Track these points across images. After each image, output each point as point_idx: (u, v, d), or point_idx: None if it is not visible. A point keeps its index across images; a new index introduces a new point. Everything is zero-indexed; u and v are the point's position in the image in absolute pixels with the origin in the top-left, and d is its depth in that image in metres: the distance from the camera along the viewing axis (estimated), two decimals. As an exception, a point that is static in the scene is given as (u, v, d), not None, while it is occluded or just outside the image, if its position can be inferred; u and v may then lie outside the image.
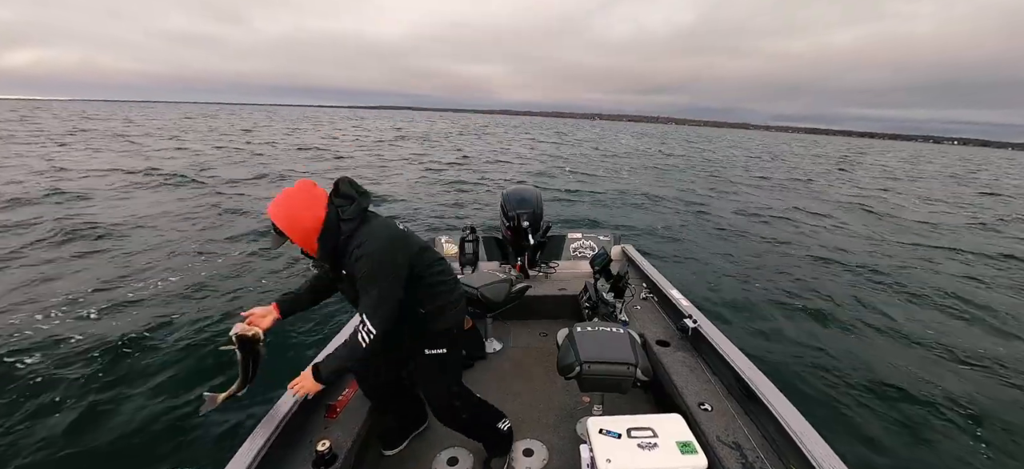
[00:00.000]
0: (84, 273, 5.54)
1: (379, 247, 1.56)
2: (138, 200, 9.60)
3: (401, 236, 1.67)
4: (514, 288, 2.93)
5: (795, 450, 1.65)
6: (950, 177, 28.25)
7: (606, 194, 13.36)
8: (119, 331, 4.20)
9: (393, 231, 1.65)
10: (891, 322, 5.17)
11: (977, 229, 11.51)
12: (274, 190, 11.46)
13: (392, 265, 1.58)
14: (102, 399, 3.34)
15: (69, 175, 12.29)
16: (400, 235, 1.67)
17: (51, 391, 3.39)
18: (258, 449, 1.69)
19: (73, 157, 16.17)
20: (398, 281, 1.60)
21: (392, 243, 1.60)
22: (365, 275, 1.56)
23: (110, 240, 6.82)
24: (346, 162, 18.69)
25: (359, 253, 1.56)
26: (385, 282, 1.56)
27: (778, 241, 8.73)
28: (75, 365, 3.72)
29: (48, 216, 7.89)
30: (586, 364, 1.81)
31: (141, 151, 19.14)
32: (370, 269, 1.55)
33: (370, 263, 1.55)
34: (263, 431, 1.78)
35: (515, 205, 3.70)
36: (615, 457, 1.47)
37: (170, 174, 12.84)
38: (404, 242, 1.66)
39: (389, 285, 1.57)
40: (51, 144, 20.53)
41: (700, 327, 2.51)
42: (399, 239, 1.65)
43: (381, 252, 1.56)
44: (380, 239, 1.58)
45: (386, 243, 1.58)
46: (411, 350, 1.88)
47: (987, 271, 7.63)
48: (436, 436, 2.23)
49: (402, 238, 1.67)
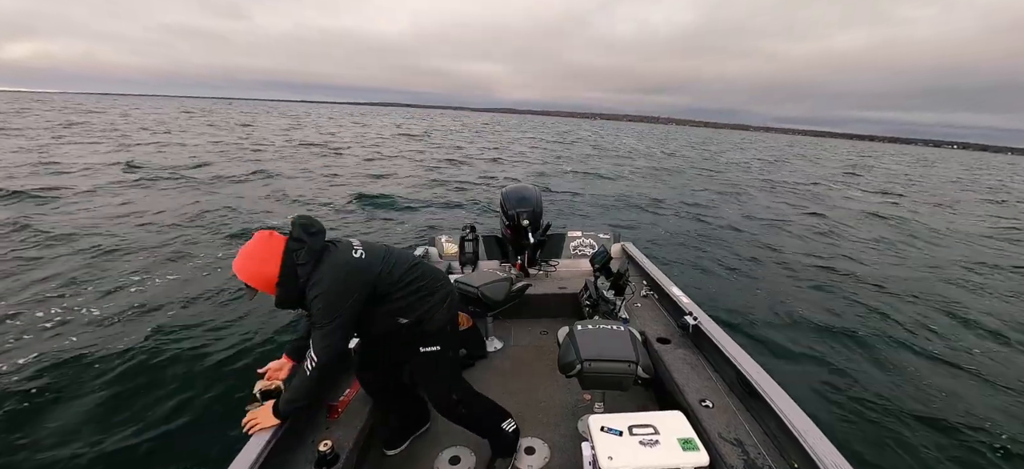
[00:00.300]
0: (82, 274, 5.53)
1: (329, 287, 1.60)
2: (107, 200, 9.21)
3: (354, 269, 1.66)
4: (514, 287, 2.93)
5: (797, 447, 1.64)
6: (954, 182, 27.49)
7: (609, 197, 12.95)
8: (123, 332, 4.21)
9: (344, 266, 1.65)
10: (955, 351, 4.60)
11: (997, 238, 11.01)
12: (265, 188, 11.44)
13: (344, 301, 1.62)
14: (104, 402, 3.34)
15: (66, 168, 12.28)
16: (353, 268, 1.66)
17: (49, 393, 3.39)
18: (260, 449, 1.69)
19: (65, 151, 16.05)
20: (349, 314, 1.64)
21: (345, 279, 1.62)
22: (317, 313, 1.61)
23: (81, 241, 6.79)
24: (344, 160, 18.57)
25: (312, 294, 1.61)
26: (336, 318, 1.61)
27: (804, 254, 7.99)
28: (71, 369, 3.72)
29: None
30: (587, 362, 1.81)
31: (133, 143, 18.96)
32: (322, 307, 1.60)
33: (322, 301, 1.60)
34: (265, 432, 1.78)
35: (515, 203, 3.70)
36: (617, 454, 1.47)
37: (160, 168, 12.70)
38: (357, 274, 1.66)
39: (339, 321, 1.61)
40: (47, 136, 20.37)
41: (701, 324, 2.51)
42: (352, 272, 1.65)
43: (331, 291, 1.60)
44: (331, 278, 1.61)
45: (338, 282, 1.61)
46: (407, 352, 1.89)
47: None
48: (438, 436, 2.22)
49: (355, 271, 1.66)
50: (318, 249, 1.64)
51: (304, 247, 1.62)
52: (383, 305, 1.73)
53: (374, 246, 1.80)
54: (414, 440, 2.23)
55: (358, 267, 1.67)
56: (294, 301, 1.66)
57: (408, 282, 1.77)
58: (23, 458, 2.79)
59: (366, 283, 1.67)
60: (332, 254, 1.67)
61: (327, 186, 12.45)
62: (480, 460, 2.08)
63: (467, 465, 2.06)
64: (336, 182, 13.13)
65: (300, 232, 1.64)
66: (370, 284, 1.68)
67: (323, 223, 1.74)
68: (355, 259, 1.69)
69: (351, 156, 19.81)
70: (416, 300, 1.78)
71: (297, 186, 12.09)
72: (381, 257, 1.75)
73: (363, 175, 14.60)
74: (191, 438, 3.02)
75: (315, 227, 1.68)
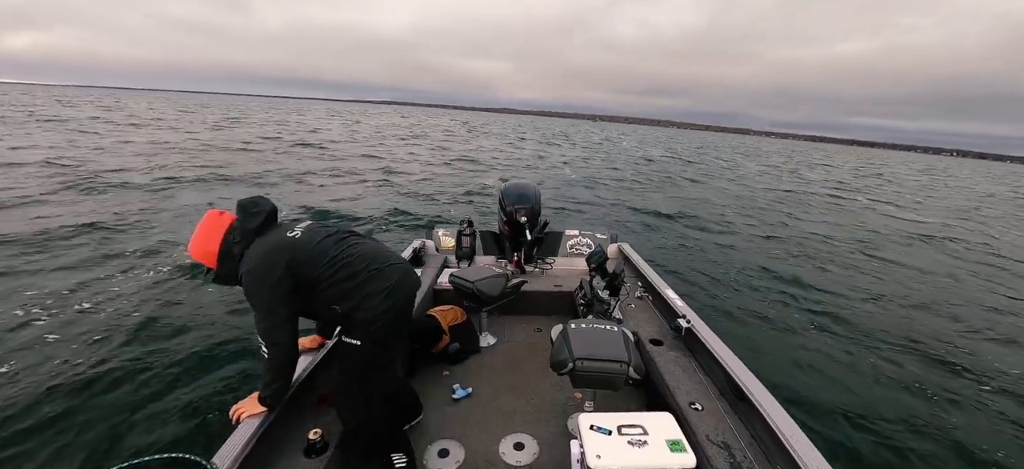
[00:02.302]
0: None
1: (254, 266, 1.58)
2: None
3: (276, 249, 1.61)
4: (510, 283, 2.93)
5: (783, 451, 1.66)
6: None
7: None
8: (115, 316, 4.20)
9: (273, 246, 1.62)
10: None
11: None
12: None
13: (268, 282, 1.57)
14: (94, 383, 3.34)
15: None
16: (275, 248, 1.62)
17: (41, 376, 3.38)
18: (250, 436, 1.70)
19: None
20: (276, 295, 1.58)
21: (268, 258, 1.59)
22: (247, 295, 1.60)
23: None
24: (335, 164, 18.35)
25: (241, 273, 1.60)
26: (263, 298, 1.58)
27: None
28: (62, 352, 3.71)
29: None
30: (579, 361, 1.81)
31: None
32: (248, 288, 1.59)
33: (247, 282, 1.59)
34: (254, 419, 1.79)
35: (513, 200, 3.70)
36: (605, 453, 1.49)
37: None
38: (279, 253, 1.61)
39: (268, 301, 1.58)
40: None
41: (693, 327, 2.52)
42: (273, 251, 1.61)
43: (255, 271, 1.58)
44: (256, 258, 1.59)
45: (261, 261, 1.59)
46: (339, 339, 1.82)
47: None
48: (427, 429, 2.23)
49: (277, 250, 1.61)
50: (252, 229, 1.63)
51: (240, 227, 1.63)
52: (317, 290, 1.66)
53: (316, 228, 1.73)
54: (406, 431, 2.24)
55: (281, 247, 1.62)
56: (231, 280, 1.66)
57: (341, 268, 1.66)
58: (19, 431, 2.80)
59: (290, 264, 1.60)
60: (265, 235, 1.64)
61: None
62: (469, 453, 2.09)
63: (456, 457, 2.07)
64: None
65: (238, 211, 1.65)
66: (295, 265, 1.61)
67: (267, 206, 1.72)
68: (285, 239, 1.64)
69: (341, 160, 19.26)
70: (351, 287, 1.66)
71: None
72: (317, 239, 1.68)
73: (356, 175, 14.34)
74: (182, 421, 3.02)
75: (255, 207, 1.66)
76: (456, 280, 2.89)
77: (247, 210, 1.66)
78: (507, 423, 2.29)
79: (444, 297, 3.34)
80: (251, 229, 1.64)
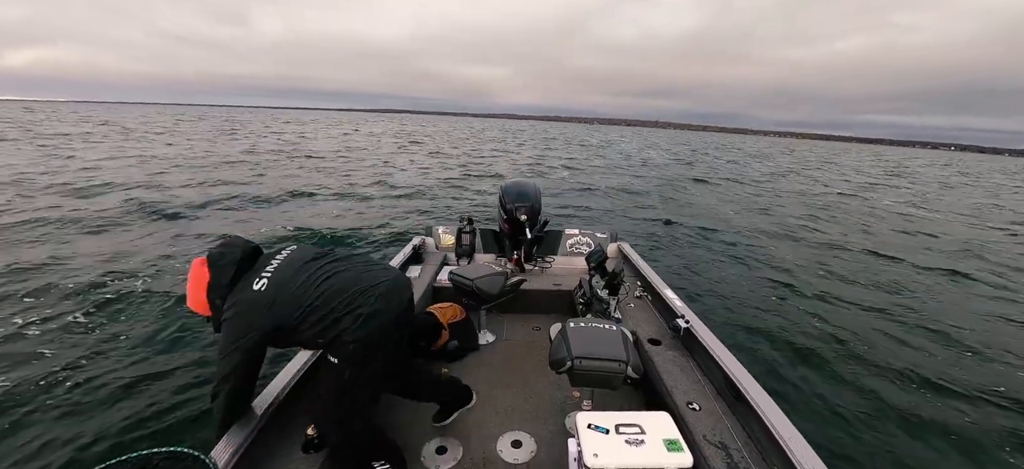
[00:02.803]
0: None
1: (226, 321, 1.60)
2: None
3: (250, 309, 1.60)
4: (509, 281, 2.93)
5: (780, 452, 1.66)
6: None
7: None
8: (109, 308, 4.20)
9: (241, 308, 1.60)
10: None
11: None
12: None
13: (234, 338, 1.58)
14: (92, 378, 3.35)
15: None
16: (249, 308, 1.60)
17: (37, 367, 3.39)
18: (249, 431, 1.71)
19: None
20: (244, 349, 1.59)
21: (238, 320, 1.59)
22: (220, 338, 1.62)
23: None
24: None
25: (223, 320, 1.62)
26: (227, 354, 1.59)
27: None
28: (59, 341, 3.72)
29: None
30: (578, 359, 1.81)
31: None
32: (221, 341, 1.61)
33: (223, 330, 1.61)
34: (254, 414, 1.79)
35: (513, 198, 3.70)
36: (602, 452, 1.49)
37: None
38: (253, 315, 1.59)
39: (230, 359, 1.59)
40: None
41: (692, 327, 2.53)
42: (246, 314, 1.59)
43: (226, 326, 1.60)
44: (228, 312, 1.61)
45: (232, 320, 1.60)
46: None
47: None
48: (425, 427, 2.24)
49: (251, 311, 1.60)
50: (226, 283, 1.62)
51: (214, 282, 1.63)
52: (295, 333, 1.64)
53: (288, 269, 1.67)
54: (460, 414, 2.28)
55: (249, 303, 1.60)
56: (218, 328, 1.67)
57: (313, 308, 1.62)
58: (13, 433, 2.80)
59: (261, 324, 1.59)
60: (237, 288, 1.63)
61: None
62: (467, 451, 2.10)
63: (454, 455, 2.08)
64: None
65: (209, 267, 1.64)
66: (266, 322, 1.59)
67: (250, 242, 1.73)
68: (252, 294, 1.60)
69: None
70: (328, 324, 1.62)
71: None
72: (289, 285, 1.63)
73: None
74: (181, 416, 3.03)
75: (222, 260, 1.64)
76: (455, 278, 2.89)
77: (216, 264, 1.64)
78: (505, 421, 2.30)
79: (443, 295, 3.34)
80: (224, 283, 1.62)
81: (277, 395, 1.93)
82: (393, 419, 2.25)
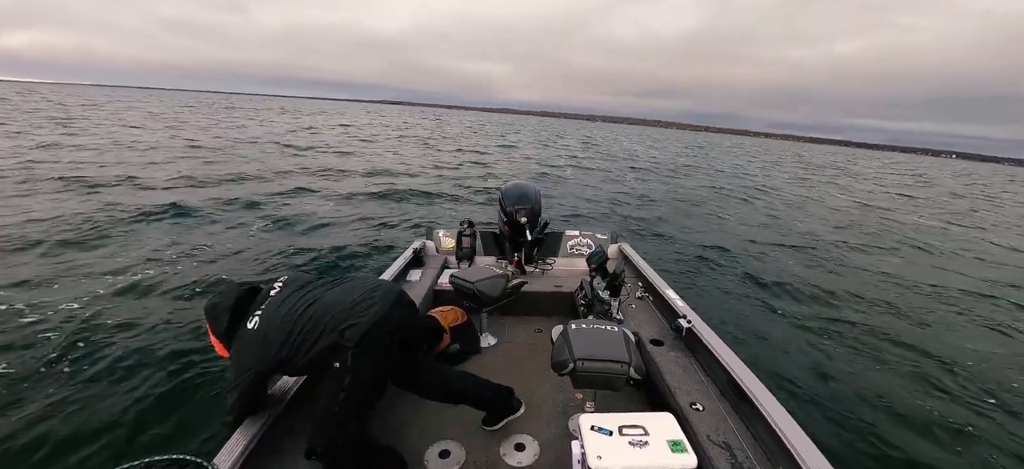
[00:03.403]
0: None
1: (230, 362, 1.71)
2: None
3: (247, 353, 1.69)
4: (510, 283, 2.93)
5: (785, 452, 1.66)
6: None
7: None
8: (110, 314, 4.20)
9: (240, 352, 1.70)
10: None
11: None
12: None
13: (237, 373, 1.68)
14: (95, 382, 3.34)
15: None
16: (246, 352, 1.69)
17: (39, 372, 3.38)
18: (251, 436, 1.70)
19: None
20: (238, 389, 1.69)
21: (239, 364, 1.69)
22: (226, 382, 1.73)
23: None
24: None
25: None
26: (230, 393, 1.71)
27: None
28: (60, 348, 3.71)
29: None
30: (580, 361, 1.81)
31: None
32: (227, 378, 1.72)
33: (230, 364, 1.72)
34: (257, 419, 1.79)
35: (513, 200, 3.70)
36: (606, 454, 1.48)
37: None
38: (250, 358, 1.68)
39: (231, 396, 1.71)
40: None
41: (694, 327, 2.52)
42: (245, 359, 1.69)
43: (230, 367, 1.70)
44: (232, 356, 1.72)
45: (234, 358, 1.71)
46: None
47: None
48: (428, 429, 2.23)
49: (248, 355, 1.69)
50: (224, 331, 1.72)
51: (215, 333, 1.76)
52: (291, 364, 1.70)
53: (271, 307, 1.72)
54: (506, 424, 2.24)
55: (244, 346, 1.70)
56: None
57: (304, 338, 1.66)
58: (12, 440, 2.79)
59: (250, 362, 1.68)
60: (239, 331, 1.72)
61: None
62: (470, 454, 2.09)
63: (458, 458, 2.07)
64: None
65: (206, 319, 1.77)
66: (263, 361, 1.67)
67: (237, 287, 1.81)
68: (247, 334, 1.69)
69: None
70: (321, 348, 1.66)
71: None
72: (278, 320, 1.68)
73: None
74: (184, 421, 3.03)
75: (218, 309, 1.74)
76: (456, 281, 2.89)
77: (210, 315, 1.76)
78: (508, 424, 2.29)
79: (444, 298, 3.34)
80: (223, 331, 1.73)
81: (280, 401, 1.93)
82: (395, 423, 2.25)
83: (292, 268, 5.91)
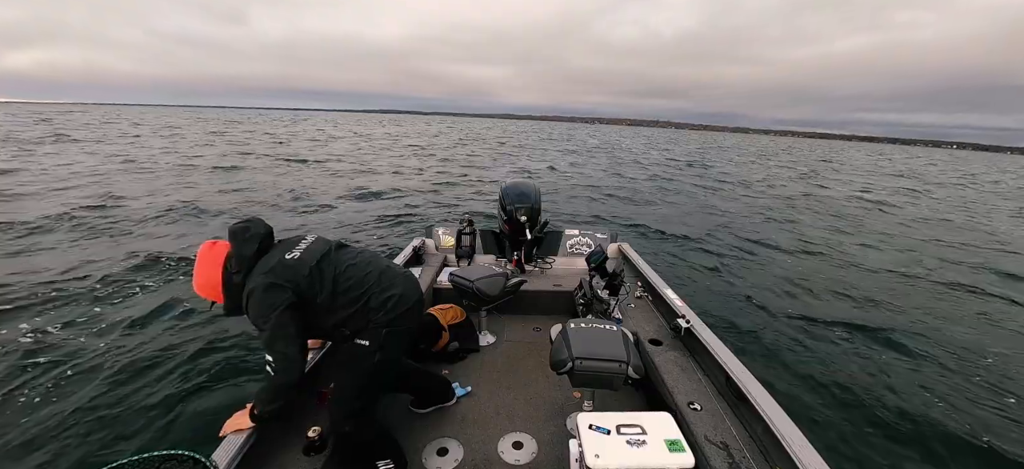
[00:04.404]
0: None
1: (257, 290, 1.56)
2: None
3: (282, 269, 1.61)
4: (509, 282, 2.93)
5: (782, 452, 1.66)
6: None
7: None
8: (109, 310, 4.20)
9: (274, 268, 1.60)
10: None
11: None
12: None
13: (273, 303, 1.55)
14: (95, 379, 3.34)
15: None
16: (281, 269, 1.61)
17: (40, 371, 3.39)
18: (249, 433, 1.70)
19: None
20: (284, 315, 1.56)
21: (270, 281, 1.57)
22: (253, 319, 1.58)
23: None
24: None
25: (245, 299, 1.59)
26: (270, 319, 1.55)
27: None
28: (63, 344, 3.72)
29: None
30: (578, 360, 1.81)
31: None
32: (253, 312, 1.57)
33: (252, 306, 1.57)
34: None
35: (513, 199, 3.70)
36: (603, 453, 1.48)
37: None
38: (286, 274, 1.60)
39: (275, 321, 1.55)
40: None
41: (693, 327, 2.52)
42: (279, 273, 1.59)
43: (258, 294, 1.56)
44: (258, 282, 1.57)
45: (263, 284, 1.57)
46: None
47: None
48: (426, 427, 2.23)
49: (284, 271, 1.61)
50: (249, 255, 1.61)
51: (236, 256, 1.61)
52: (321, 311, 1.66)
53: (316, 247, 1.72)
54: (433, 412, 2.32)
55: (283, 268, 1.61)
56: (239, 310, 1.65)
57: (342, 288, 1.67)
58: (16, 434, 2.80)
59: (294, 285, 1.60)
60: (264, 257, 1.63)
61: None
62: (468, 452, 2.09)
63: (454, 457, 2.07)
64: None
65: (231, 239, 1.64)
66: (298, 287, 1.60)
67: (269, 224, 1.71)
68: (285, 261, 1.62)
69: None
70: (357, 307, 1.68)
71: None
72: (317, 259, 1.67)
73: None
74: (182, 418, 3.03)
75: (247, 233, 1.64)
76: (456, 279, 2.89)
77: (240, 236, 1.63)
78: (506, 422, 2.29)
79: (444, 296, 3.34)
80: (248, 255, 1.61)
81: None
82: (394, 419, 2.25)
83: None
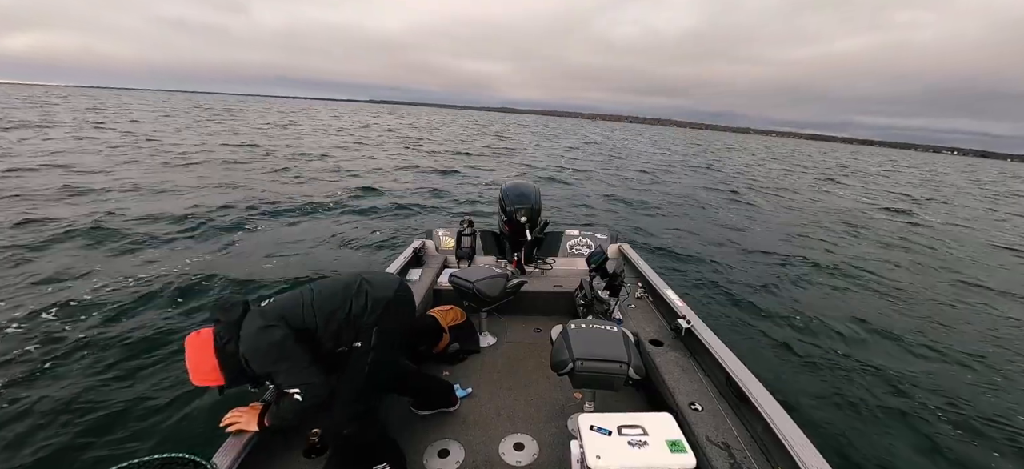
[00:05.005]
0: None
1: (250, 336, 1.61)
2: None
3: (269, 311, 1.69)
4: (510, 283, 2.93)
5: (783, 452, 1.66)
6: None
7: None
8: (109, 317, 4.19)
9: (262, 312, 1.68)
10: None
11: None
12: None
13: (271, 338, 1.60)
14: (95, 381, 3.34)
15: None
16: (268, 312, 1.69)
17: (41, 372, 3.38)
18: (250, 435, 1.70)
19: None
20: (287, 346, 1.62)
21: (259, 321, 1.63)
22: (260, 368, 1.61)
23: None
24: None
25: (246, 356, 1.62)
26: (279, 355, 1.60)
27: None
28: (69, 344, 3.71)
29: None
30: (579, 361, 1.81)
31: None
32: (260, 360, 1.60)
33: (255, 355, 1.60)
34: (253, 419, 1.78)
35: (514, 200, 3.70)
36: (605, 454, 1.48)
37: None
38: (271, 313, 1.67)
39: (284, 354, 1.60)
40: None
41: (693, 327, 2.52)
42: (266, 314, 1.67)
43: (254, 338, 1.61)
44: (248, 330, 1.63)
45: (254, 327, 1.62)
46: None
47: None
48: (427, 429, 2.23)
49: (268, 311, 1.69)
50: (236, 320, 1.65)
51: (223, 325, 1.65)
52: (321, 341, 1.72)
53: (293, 294, 1.80)
54: (431, 415, 2.31)
55: (265, 310, 1.69)
56: (241, 377, 1.67)
57: (323, 308, 1.74)
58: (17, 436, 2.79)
59: (281, 318, 1.67)
60: (246, 318, 1.67)
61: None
62: (469, 454, 2.09)
63: (456, 457, 2.07)
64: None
65: (216, 314, 1.69)
66: (285, 321, 1.67)
67: (240, 297, 1.76)
68: (264, 307, 1.72)
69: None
70: (342, 323, 1.75)
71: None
72: (298, 298, 1.76)
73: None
74: (183, 420, 3.02)
75: (230, 302, 1.70)
76: (456, 280, 2.89)
77: (223, 309, 1.69)
78: (507, 423, 2.29)
79: (444, 297, 3.34)
80: (235, 320, 1.66)
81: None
82: (395, 421, 2.25)
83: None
